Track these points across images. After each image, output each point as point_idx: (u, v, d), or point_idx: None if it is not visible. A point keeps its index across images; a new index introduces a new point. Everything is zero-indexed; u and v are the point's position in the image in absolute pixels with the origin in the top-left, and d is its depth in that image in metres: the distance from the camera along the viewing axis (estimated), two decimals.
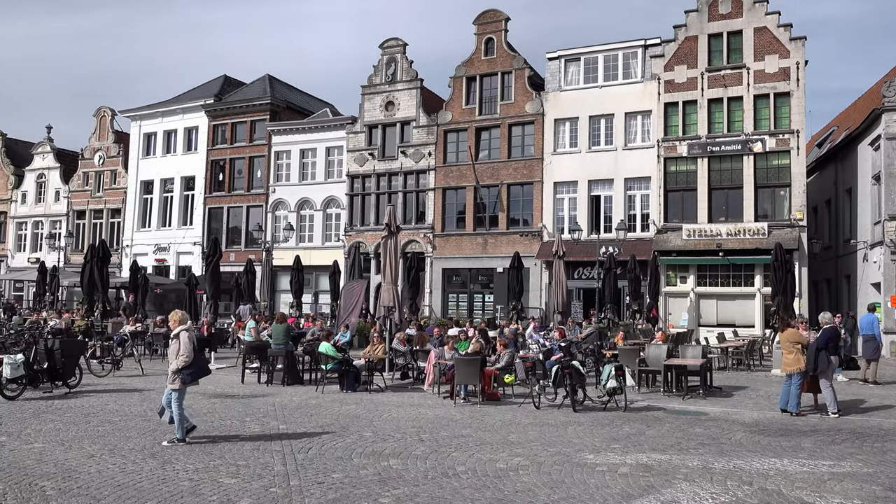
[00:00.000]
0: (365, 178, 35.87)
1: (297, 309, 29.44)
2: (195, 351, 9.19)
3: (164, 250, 40.32)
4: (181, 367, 9.07)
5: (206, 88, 42.70)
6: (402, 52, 35.66)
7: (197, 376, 9.30)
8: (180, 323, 9.40)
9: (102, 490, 6.88)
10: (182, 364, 9.07)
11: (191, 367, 9.13)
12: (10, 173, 47.86)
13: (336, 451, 8.76)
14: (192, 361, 9.12)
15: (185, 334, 9.24)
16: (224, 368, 18.79)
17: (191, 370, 9.15)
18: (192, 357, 9.11)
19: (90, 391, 13.97)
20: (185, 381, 9.16)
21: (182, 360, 9.08)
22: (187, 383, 9.21)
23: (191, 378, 9.19)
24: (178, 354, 9.14)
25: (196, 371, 9.22)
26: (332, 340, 15.74)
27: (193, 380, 9.27)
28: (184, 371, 9.09)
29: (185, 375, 9.12)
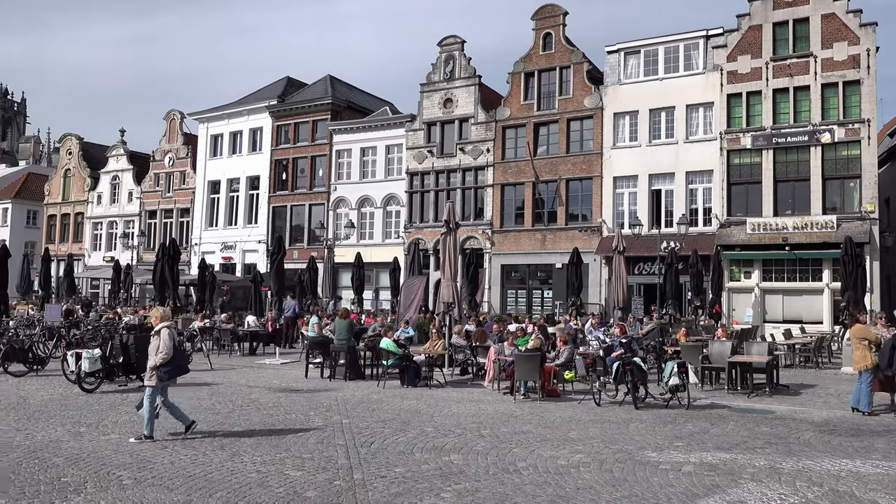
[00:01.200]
0: (424, 175, 36.12)
1: (358, 305, 29.89)
2: (175, 349, 9.16)
3: (231, 248, 41.53)
4: (159, 364, 9.05)
5: (269, 90, 43.72)
6: (461, 49, 35.74)
7: (174, 374, 9.25)
8: (162, 320, 9.44)
9: (175, 480, 7.17)
10: (160, 361, 9.04)
11: (169, 364, 9.09)
12: (86, 176, 50.06)
13: (398, 446, 8.91)
14: (170, 359, 9.08)
15: (166, 331, 9.22)
16: (288, 363, 19.26)
17: (168, 367, 9.10)
18: (170, 354, 9.07)
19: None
20: (161, 378, 9.10)
21: (160, 357, 9.04)
22: (164, 380, 9.14)
23: (168, 375, 9.13)
24: (158, 351, 9.10)
25: (174, 369, 9.18)
26: (392, 336, 15.94)
27: (171, 377, 9.21)
28: (161, 368, 9.06)
29: (163, 373, 9.08)
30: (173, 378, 9.31)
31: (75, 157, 51.28)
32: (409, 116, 37.11)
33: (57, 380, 14.45)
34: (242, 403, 12.27)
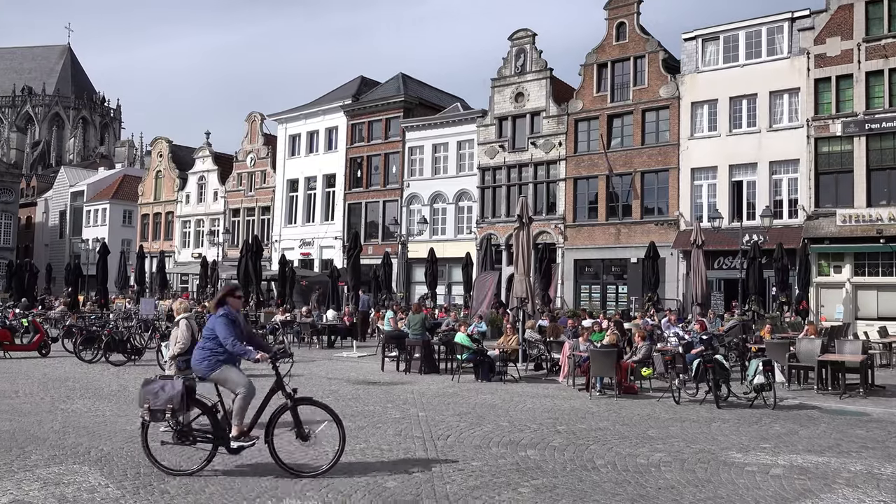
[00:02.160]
0: (496, 170, 36.14)
1: (432, 300, 30.22)
2: (193, 339, 9.26)
3: (309, 244, 42.69)
4: (177, 355, 9.25)
5: (344, 90, 44.62)
6: (532, 42, 35.55)
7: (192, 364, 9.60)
8: (184, 311, 9.72)
9: (262, 467, 7.47)
10: (178, 351, 9.26)
11: (187, 354, 9.17)
12: (175, 177, 52.43)
13: (474, 440, 9.03)
14: (188, 349, 9.15)
15: (184, 322, 9.44)
16: (365, 357, 19.70)
17: (187, 357, 9.16)
18: (187, 345, 9.21)
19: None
20: (180, 367, 9.22)
21: (177, 347, 9.29)
22: (182, 370, 9.17)
23: (186, 365, 9.08)
24: (176, 342, 9.36)
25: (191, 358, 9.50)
26: (466, 331, 16.09)
27: (189, 367, 9.22)
28: (179, 357, 9.23)
29: (181, 362, 9.20)
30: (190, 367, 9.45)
31: (165, 159, 53.75)
32: (480, 112, 37.19)
33: (152, 369, 15.20)
34: (323, 395, 12.63)
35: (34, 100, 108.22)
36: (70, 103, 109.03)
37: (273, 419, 7.24)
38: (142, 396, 7.10)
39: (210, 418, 7.23)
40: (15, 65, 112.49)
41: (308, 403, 7.55)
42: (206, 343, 7.44)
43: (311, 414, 7.63)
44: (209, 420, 7.24)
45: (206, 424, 7.27)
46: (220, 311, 7.45)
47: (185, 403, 7.05)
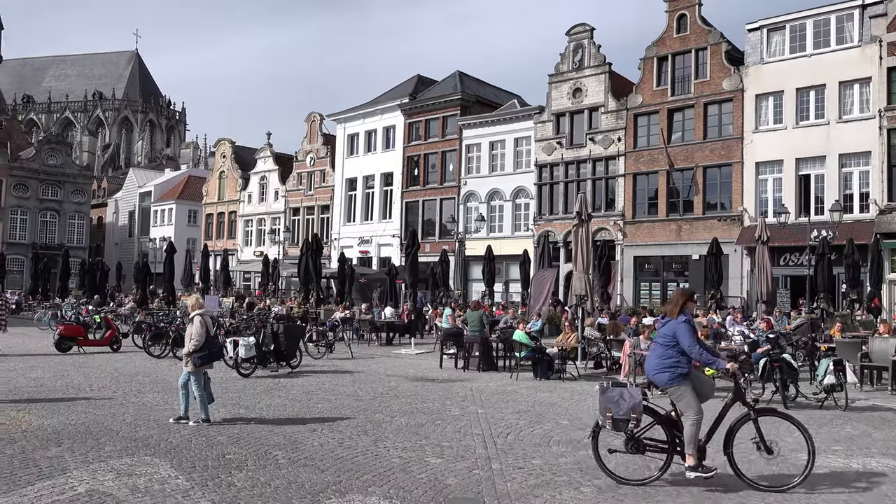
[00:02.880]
0: (553, 166, 35.85)
1: (489, 297, 30.19)
2: (208, 336, 9.41)
3: (367, 242, 43.20)
4: (192, 351, 9.36)
5: (401, 89, 44.95)
6: (590, 37, 35.11)
7: (207, 360, 9.50)
8: (198, 307, 9.75)
9: (325, 462, 7.62)
10: (192, 348, 9.36)
11: (202, 350, 9.37)
12: (238, 177, 53.80)
13: (534, 438, 8.99)
14: (203, 345, 9.35)
15: (199, 319, 9.49)
16: (423, 353, 19.83)
17: (202, 353, 9.37)
18: (202, 341, 9.34)
19: (309, 371, 15.39)
20: (196, 364, 9.37)
21: (192, 344, 9.37)
22: (198, 366, 9.39)
23: (201, 361, 9.38)
24: (191, 338, 9.45)
25: (207, 355, 9.44)
26: (525, 328, 16.03)
27: (205, 363, 9.44)
28: (195, 354, 9.35)
29: (196, 358, 9.35)
30: (207, 363, 9.56)
31: (228, 159, 55.20)
32: (537, 108, 36.94)
33: (217, 365, 15.60)
34: (382, 391, 12.80)
35: (104, 104, 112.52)
36: (138, 107, 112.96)
37: (732, 432, 6.88)
38: (602, 405, 6.85)
39: (664, 428, 6.92)
40: (87, 71, 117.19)
41: (771, 414, 7.29)
42: (666, 351, 6.88)
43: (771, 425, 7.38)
44: (663, 430, 6.92)
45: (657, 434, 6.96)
46: (682, 317, 6.92)
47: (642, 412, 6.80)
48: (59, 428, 8.91)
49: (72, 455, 7.59)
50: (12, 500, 6.06)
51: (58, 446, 7.96)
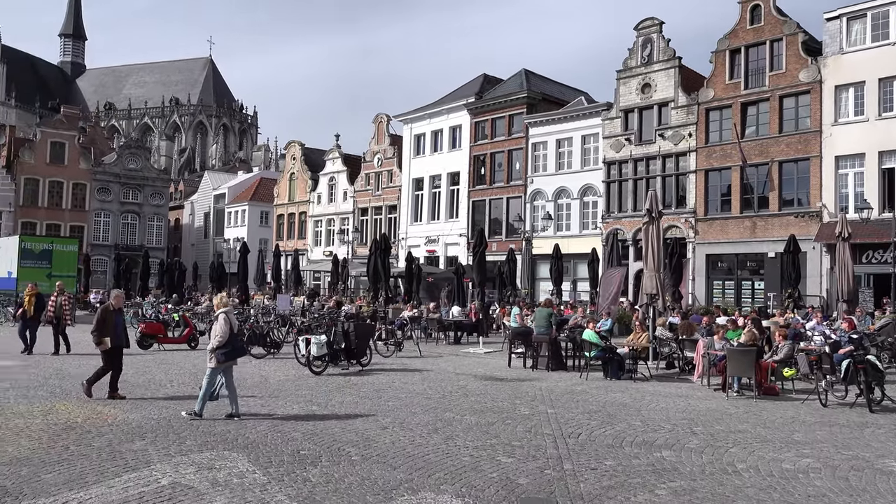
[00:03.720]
0: (622, 163, 35.26)
1: (557, 296, 29.92)
2: (231, 333, 9.66)
3: (434, 242, 43.44)
4: (216, 347, 9.60)
5: (467, 88, 45.03)
6: (659, 31, 34.37)
7: (231, 357, 9.77)
8: (223, 306, 9.95)
9: (397, 459, 7.70)
10: (216, 344, 9.61)
11: (225, 346, 9.61)
12: (307, 178, 54.97)
13: (606, 439, 8.87)
14: (226, 342, 9.59)
15: (223, 317, 9.71)
16: (491, 353, 19.80)
17: (225, 350, 9.62)
18: (226, 338, 9.58)
19: (378, 370, 15.57)
20: (219, 360, 9.63)
21: (216, 340, 9.62)
22: (222, 362, 9.65)
23: (225, 357, 9.64)
24: (214, 335, 9.70)
25: (230, 352, 9.70)
26: (595, 328, 15.82)
27: (228, 359, 9.72)
28: (219, 351, 9.60)
29: (220, 355, 9.61)
30: (230, 360, 9.83)
31: (298, 161, 56.45)
32: (605, 105, 36.39)
33: (290, 362, 16.03)
34: (452, 390, 12.84)
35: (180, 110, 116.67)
36: (212, 112, 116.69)
37: None
38: None
39: None
40: (164, 78, 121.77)
41: None
42: None
43: None
44: None
45: None
46: None
47: None
48: (143, 422, 9.29)
49: (155, 448, 7.89)
50: (102, 491, 6.35)
51: (142, 440, 8.29)
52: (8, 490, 6.32)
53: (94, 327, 11.04)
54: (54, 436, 8.40)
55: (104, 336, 11.05)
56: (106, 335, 11.06)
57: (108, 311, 11.29)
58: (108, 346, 11.04)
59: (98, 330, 11.02)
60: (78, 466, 7.10)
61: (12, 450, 7.70)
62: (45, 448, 7.82)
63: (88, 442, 8.13)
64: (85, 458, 7.44)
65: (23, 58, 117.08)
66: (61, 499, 6.12)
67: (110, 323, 11.16)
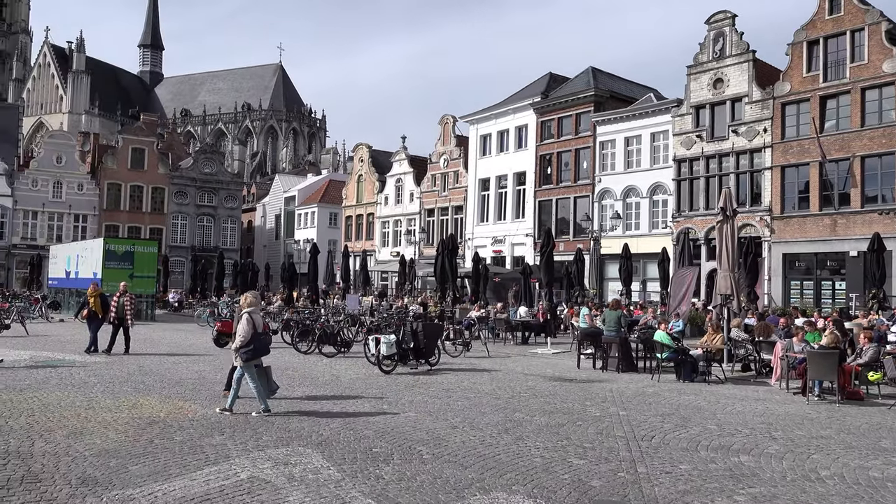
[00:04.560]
0: (693, 161, 34.40)
1: (626, 297, 29.44)
2: (254, 332, 9.76)
3: (500, 242, 43.36)
4: (238, 347, 9.75)
5: (533, 87, 44.79)
6: (731, 24, 33.40)
7: (254, 355, 9.86)
8: (249, 305, 10.04)
9: (468, 459, 7.71)
10: (238, 343, 9.75)
11: (248, 345, 9.73)
12: (375, 180, 55.71)
13: (680, 442, 8.66)
14: (249, 341, 9.70)
15: (246, 316, 9.82)
16: (559, 353, 19.63)
17: (248, 349, 9.74)
18: (248, 337, 9.69)
19: (447, 369, 15.63)
20: (244, 359, 9.77)
21: (238, 340, 9.77)
22: (247, 360, 9.78)
23: (248, 356, 9.76)
24: (238, 334, 9.80)
25: (253, 350, 9.81)
26: (666, 329, 15.49)
27: (251, 357, 9.83)
28: (242, 349, 9.74)
29: (244, 353, 9.75)
30: (255, 357, 9.95)
31: (366, 163, 57.27)
32: (675, 101, 35.59)
33: (360, 361, 16.28)
34: (521, 390, 12.79)
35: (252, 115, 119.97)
36: (282, 116, 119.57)
37: None
38: None
39: None
40: (236, 84, 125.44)
41: None
42: None
43: None
44: None
45: None
46: None
47: None
48: (221, 418, 9.59)
49: (233, 443, 8.14)
50: (184, 483, 6.59)
51: (220, 435, 8.56)
52: (98, 480, 6.63)
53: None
54: (139, 429, 8.77)
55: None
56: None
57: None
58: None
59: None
60: (162, 459, 7.39)
61: (101, 442, 8.08)
62: (131, 441, 8.16)
63: (171, 436, 8.45)
64: (168, 451, 7.74)
65: (106, 69, 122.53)
66: (147, 490, 6.38)
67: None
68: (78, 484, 6.51)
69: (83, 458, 7.34)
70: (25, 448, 7.74)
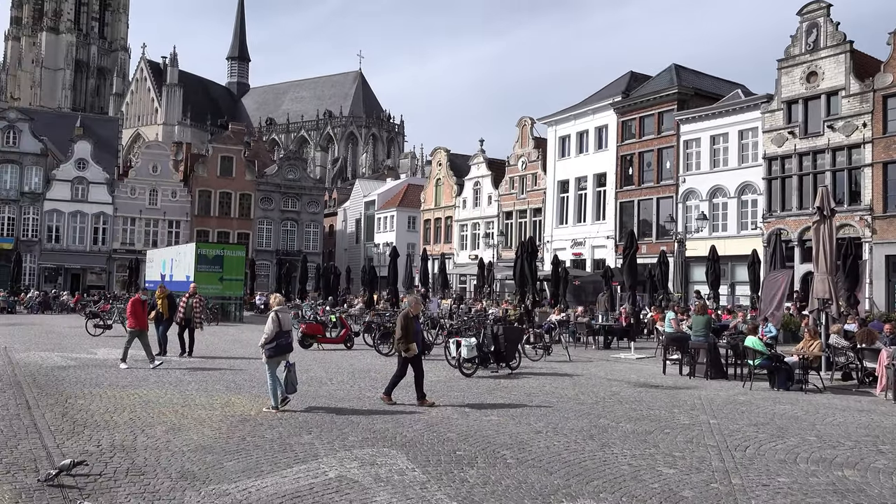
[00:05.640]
0: (784, 158, 32.97)
1: (714, 300, 28.46)
2: (280, 330, 10.29)
3: (580, 244, 42.74)
4: (263, 344, 10.32)
5: (613, 87, 43.99)
6: (826, 14, 31.84)
7: (277, 352, 10.35)
8: (276, 305, 10.62)
9: (553, 464, 7.59)
10: (262, 341, 10.34)
11: (271, 342, 10.28)
12: (453, 184, 55.97)
13: (777, 454, 8.27)
14: (272, 338, 10.25)
15: (272, 315, 10.35)
16: (643, 359, 19.15)
17: (271, 346, 10.29)
18: (272, 335, 10.24)
19: (528, 373, 15.49)
20: (268, 355, 10.32)
21: (263, 337, 10.34)
22: (270, 357, 10.32)
23: (271, 353, 10.30)
24: (263, 332, 10.36)
25: (276, 347, 10.33)
26: (759, 334, 14.86)
27: (275, 354, 10.33)
28: (267, 347, 10.29)
29: (269, 350, 10.30)
30: (279, 355, 10.44)
31: (444, 167, 57.62)
32: (764, 97, 34.21)
33: (440, 364, 16.33)
34: (605, 396, 12.53)
35: (333, 122, 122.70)
36: (362, 122, 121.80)
37: None
38: None
39: None
40: (318, 93, 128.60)
41: None
42: None
43: None
44: None
45: None
46: None
47: None
48: (309, 417, 9.80)
49: (321, 442, 8.29)
50: (276, 480, 6.75)
51: (308, 434, 8.74)
52: (196, 475, 6.89)
53: (400, 334, 11.17)
54: (232, 427, 9.06)
55: (410, 342, 11.15)
56: (411, 341, 11.16)
57: (409, 317, 11.27)
58: (415, 353, 11.20)
59: (404, 337, 11.12)
60: (254, 456, 7.61)
61: (197, 438, 8.39)
62: (224, 438, 8.45)
63: (262, 434, 8.69)
64: (259, 448, 7.96)
65: (196, 81, 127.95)
66: (241, 485, 6.58)
67: (412, 329, 11.24)
68: (178, 477, 6.78)
69: (181, 454, 7.64)
70: (129, 442, 8.13)
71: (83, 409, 10.03)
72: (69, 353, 17.79)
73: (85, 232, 54.95)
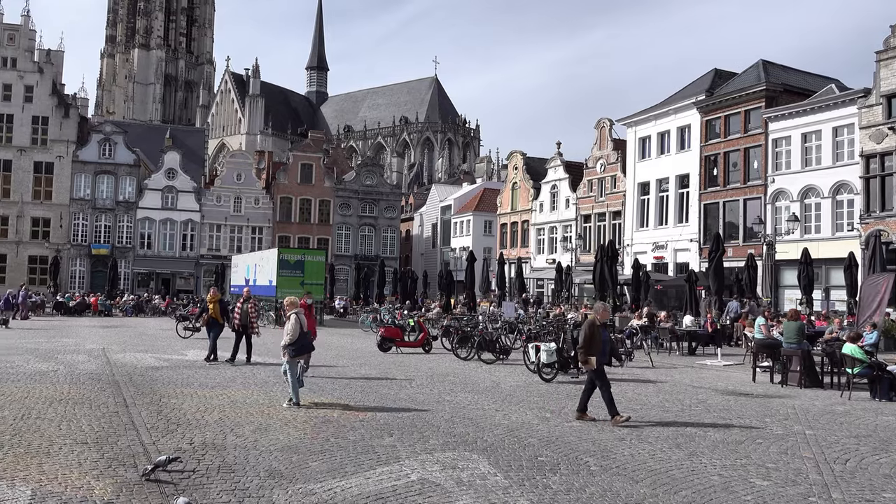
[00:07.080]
0: (884, 156, 31.18)
1: (808, 306, 27.19)
2: (301, 332, 10.87)
3: (662, 248, 41.63)
4: (286, 344, 10.82)
5: (696, 85, 42.74)
6: None
7: (299, 352, 11.04)
8: (294, 307, 11.16)
9: (638, 473, 7.39)
10: (286, 342, 10.83)
11: (294, 343, 10.80)
12: (530, 187, 55.62)
13: (881, 468, 7.79)
14: (295, 339, 10.79)
15: (294, 317, 10.89)
16: (731, 365, 18.48)
17: (294, 346, 10.82)
18: (295, 336, 10.79)
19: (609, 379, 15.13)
20: (291, 355, 10.83)
21: (286, 338, 10.84)
22: (292, 356, 10.84)
23: (294, 353, 10.85)
24: (286, 332, 10.89)
25: (299, 348, 10.95)
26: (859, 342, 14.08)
27: (296, 354, 10.93)
28: (289, 347, 10.79)
29: (291, 350, 10.81)
30: (300, 355, 11.16)
31: (520, 171, 57.34)
32: (861, 91, 32.46)
33: (519, 368, 16.21)
34: (691, 403, 12.14)
35: (409, 128, 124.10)
36: (437, 128, 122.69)
37: None
38: None
39: None
40: (394, 99, 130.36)
41: None
42: None
43: None
44: None
45: None
46: None
47: None
48: (390, 420, 9.87)
49: (402, 445, 8.34)
50: (360, 481, 6.82)
51: (390, 436, 8.81)
52: (283, 474, 7.04)
53: (581, 344, 10.10)
54: (316, 428, 9.23)
55: (591, 354, 9.99)
56: (593, 353, 9.99)
57: (595, 325, 10.12)
58: (595, 367, 10.07)
59: (586, 347, 10.02)
60: (338, 457, 7.72)
61: (283, 438, 8.58)
62: (309, 438, 8.61)
63: (345, 435, 8.81)
64: (343, 449, 8.07)
65: (277, 91, 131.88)
66: (326, 486, 6.67)
67: (598, 338, 10.09)
68: (266, 476, 6.95)
69: (269, 453, 7.83)
70: (219, 441, 8.40)
71: (176, 408, 10.43)
72: (161, 354, 18.58)
73: (174, 238, 57.37)
